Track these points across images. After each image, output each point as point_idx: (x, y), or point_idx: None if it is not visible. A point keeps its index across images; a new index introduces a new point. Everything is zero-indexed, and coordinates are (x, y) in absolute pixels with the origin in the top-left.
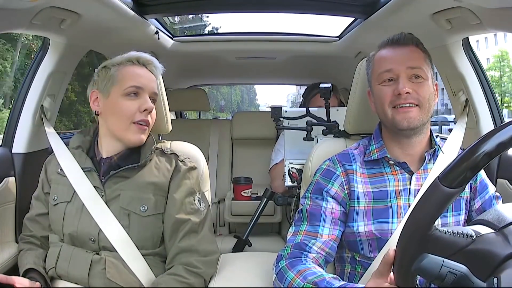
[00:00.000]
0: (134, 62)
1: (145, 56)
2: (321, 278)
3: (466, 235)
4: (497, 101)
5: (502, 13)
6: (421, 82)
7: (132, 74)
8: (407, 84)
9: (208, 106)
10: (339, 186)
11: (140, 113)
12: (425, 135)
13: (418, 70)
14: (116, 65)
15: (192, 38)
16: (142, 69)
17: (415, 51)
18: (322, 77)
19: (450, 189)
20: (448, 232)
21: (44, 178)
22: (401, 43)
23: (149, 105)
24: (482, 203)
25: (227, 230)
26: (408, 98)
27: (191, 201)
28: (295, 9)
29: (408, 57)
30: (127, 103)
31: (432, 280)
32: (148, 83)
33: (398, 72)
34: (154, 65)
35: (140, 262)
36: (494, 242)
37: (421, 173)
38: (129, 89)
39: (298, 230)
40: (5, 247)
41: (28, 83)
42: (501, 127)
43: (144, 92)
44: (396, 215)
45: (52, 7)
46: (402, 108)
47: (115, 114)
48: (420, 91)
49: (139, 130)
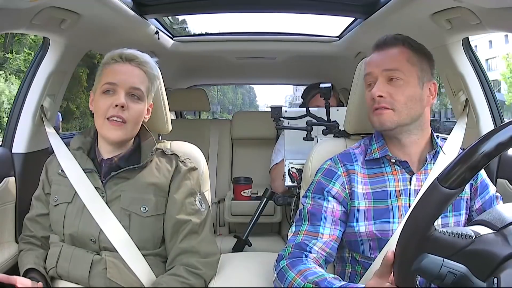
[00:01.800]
0: (117, 60)
1: (129, 52)
2: (322, 278)
3: (466, 236)
4: (497, 101)
5: (502, 13)
6: (399, 85)
7: (110, 71)
8: (382, 88)
9: (208, 106)
10: (340, 186)
11: (112, 108)
12: (419, 136)
13: (394, 72)
14: (102, 65)
15: (192, 38)
16: (124, 66)
17: (398, 52)
18: (322, 77)
19: (449, 190)
20: (448, 232)
21: (45, 179)
22: (385, 46)
23: (120, 101)
24: (482, 203)
25: (227, 230)
26: (381, 102)
27: (192, 201)
28: (295, 9)
29: (386, 60)
30: (102, 100)
31: (432, 280)
32: (125, 78)
33: (376, 75)
34: (139, 61)
35: (141, 262)
36: (493, 242)
37: (422, 173)
38: (104, 86)
39: (298, 230)
40: (5, 247)
41: (28, 83)
42: (500, 127)
43: (119, 88)
44: (397, 215)
45: (52, 7)
46: (377, 110)
47: (95, 112)
48: (395, 94)
49: (112, 126)
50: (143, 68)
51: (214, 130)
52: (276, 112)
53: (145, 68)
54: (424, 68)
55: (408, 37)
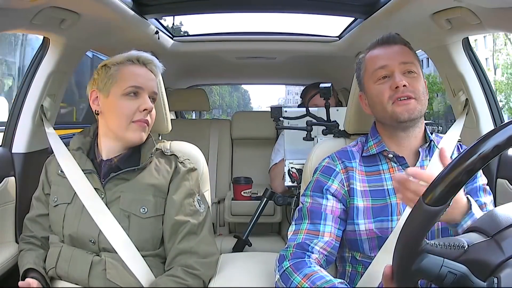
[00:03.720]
0: (134, 62)
1: (145, 55)
2: (331, 284)
3: (458, 247)
4: (497, 101)
5: (502, 13)
6: (415, 76)
7: (131, 73)
8: (403, 78)
9: (208, 106)
10: (339, 183)
11: (139, 112)
12: (420, 130)
13: (411, 66)
14: (116, 64)
15: (192, 38)
16: (142, 69)
17: (405, 49)
18: (322, 77)
19: (433, 208)
20: (439, 245)
21: (45, 179)
22: (391, 42)
23: (149, 105)
24: (467, 191)
25: (227, 230)
26: (405, 91)
27: (191, 202)
28: (295, 9)
29: (400, 53)
30: (126, 102)
31: (432, 280)
32: (147, 82)
33: (392, 68)
34: (154, 64)
35: (140, 263)
36: (486, 250)
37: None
38: (128, 89)
39: (299, 229)
40: (5, 247)
41: (28, 83)
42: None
43: (144, 92)
44: (395, 212)
45: (52, 7)
46: (402, 100)
47: (115, 114)
48: (415, 84)
49: (139, 128)
50: (154, 71)
51: (214, 130)
52: (276, 112)
53: (156, 71)
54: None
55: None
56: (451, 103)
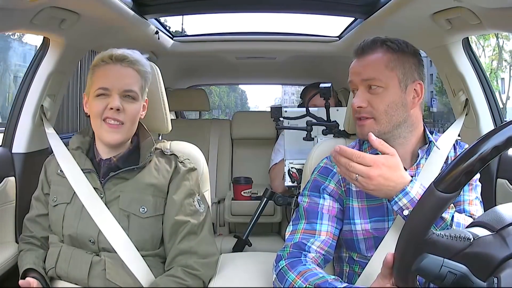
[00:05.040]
0: (107, 61)
1: (119, 53)
2: (323, 280)
3: (464, 238)
4: (497, 101)
5: (502, 13)
6: (378, 92)
7: (101, 75)
8: (362, 97)
9: (208, 106)
10: (336, 183)
11: (108, 110)
12: (407, 138)
13: (373, 81)
14: (93, 66)
15: (192, 38)
16: (115, 67)
17: (376, 59)
18: (322, 77)
19: (445, 194)
20: (445, 235)
21: (44, 179)
22: (363, 53)
23: (115, 104)
24: None
25: (227, 230)
26: (361, 112)
27: (190, 202)
28: (295, 9)
29: (364, 68)
30: (96, 103)
31: (432, 280)
32: (117, 82)
33: (357, 85)
34: (129, 60)
35: (140, 263)
36: (491, 244)
37: (414, 169)
38: (97, 91)
39: (296, 229)
40: (5, 247)
41: (28, 83)
42: (495, 130)
43: (112, 92)
44: (391, 212)
45: (52, 7)
46: (360, 120)
47: (91, 115)
48: (375, 103)
49: (110, 129)
50: (134, 67)
51: (214, 130)
52: (276, 112)
53: (137, 66)
54: (407, 70)
55: (388, 39)
56: (451, 103)
